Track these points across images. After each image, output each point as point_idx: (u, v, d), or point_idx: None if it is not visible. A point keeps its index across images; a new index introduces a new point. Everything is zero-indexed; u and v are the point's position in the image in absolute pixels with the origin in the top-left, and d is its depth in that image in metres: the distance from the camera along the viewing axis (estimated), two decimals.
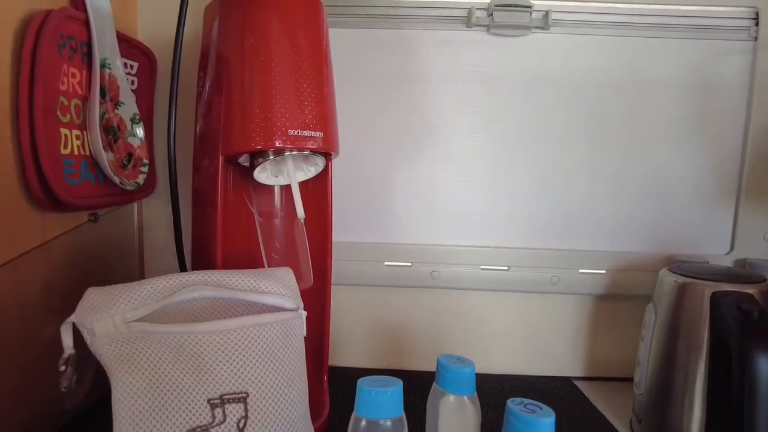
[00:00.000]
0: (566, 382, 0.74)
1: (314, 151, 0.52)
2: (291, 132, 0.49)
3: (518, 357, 0.76)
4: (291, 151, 0.51)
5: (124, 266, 0.73)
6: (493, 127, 0.74)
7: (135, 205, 0.74)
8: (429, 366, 0.59)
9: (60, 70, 0.54)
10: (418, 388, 0.41)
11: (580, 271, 0.74)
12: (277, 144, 0.50)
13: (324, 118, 0.52)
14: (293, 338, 0.49)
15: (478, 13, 0.71)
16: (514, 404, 0.40)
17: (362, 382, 0.42)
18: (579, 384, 0.74)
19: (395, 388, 0.42)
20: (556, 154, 0.74)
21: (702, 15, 0.71)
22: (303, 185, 0.57)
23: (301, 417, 0.48)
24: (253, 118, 0.50)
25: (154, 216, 0.76)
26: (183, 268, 0.61)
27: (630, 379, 0.74)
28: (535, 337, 0.77)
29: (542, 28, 0.71)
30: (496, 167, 0.74)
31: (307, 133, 0.50)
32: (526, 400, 0.41)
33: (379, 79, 0.73)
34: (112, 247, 0.69)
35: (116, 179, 0.60)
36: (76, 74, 0.56)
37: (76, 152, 0.56)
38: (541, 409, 0.40)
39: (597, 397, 0.70)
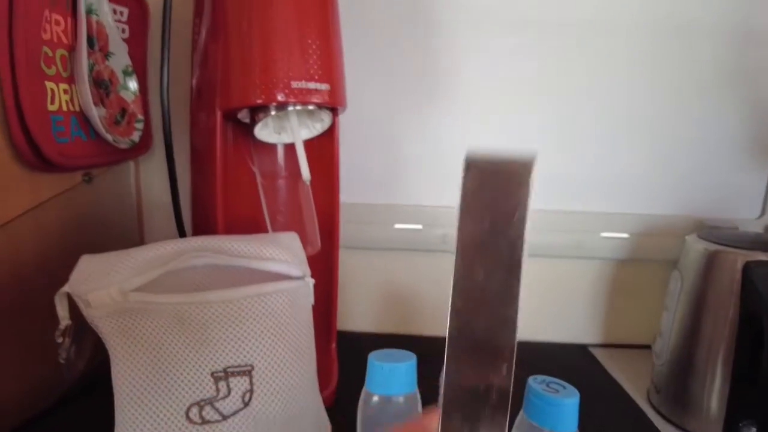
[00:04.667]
0: (582, 349, 0.72)
1: (320, 106, 0.48)
2: (294, 84, 0.45)
3: (533, 323, 0.74)
4: (295, 105, 0.46)
5: (122, 229, 0.70)
6: (510, 78, 0.68)
7: (132, 164, 0.70)
8: (440, 331, 0.57)
9: (41, 16, 0.49)
10: (429, 354, 0.38)
11: (602, 234, 0.70)
12: (279, 98, 0.45)
13: (330, 68, 0.47)
14: (300, 308, 0.47)
15: None
16: (536, 382, 0.37)
17: (374, 357, 0.39)
18: (595, 351, 0.72)
19: (409, 363, 0.39)
20: (578, 109, 0.69)
21: None
22: (308, 143, 0.53)
23: (309, 388, 0.46)
24: (253, 68, 0.46)
25: (152, 175, 0.72)
26: (182, 233, 0.58)
27: (648, 347, 0.72)
28: (552, 303, 0.74)
29: None
30: (512, 122, 0.69)
31: (312, 85, 0.46)
32: (549, 378, 0.38)
33: (389, 21, 0.67)
34: (108, 209, 0.66)
35: (109, 137, 0.56)
36: (60, 21, 0.51)
37: (64, 108, 0.52)
38: (564, 388, 0.37)
39: (613, 365, 0.68)
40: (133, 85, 0.61)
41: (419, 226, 0.71)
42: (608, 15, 0.66)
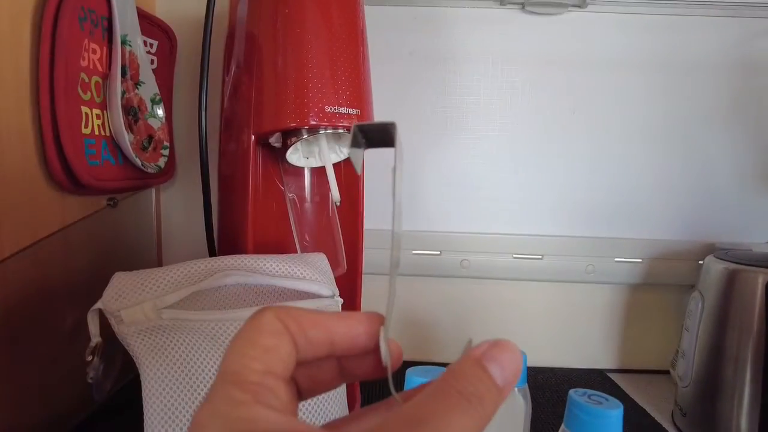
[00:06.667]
0: (600, 374, 0.72)
1: (349, 130, 0.49)
2: (327, 109, 0.47)
3: (551, 349, 0.74)
4: (326, 129, 0.48)
5: (142, 253, 0.70)
6: (526, 109, 0.71)
7: (153, 191, 0.71)
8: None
9: (81, 45, 0.51)
10: None
11: (616, 259, 0.71)
12: (312, 121, 0.47)
13: (361, 95, 0.49)
14: None
15: None
16: (577, 395, 0.37)
17: (412, 372, 0.39)
18: (613, 376, 0.71)
19: None
20: (592, 138, 0.71)
21: None
22: (334, 167, 0.54)
23: (339, 407, 0.46)
24: (287, 94, 0.47)
25: (171, 202, 0.73)
26: (212, 253, 0.58)
27: (665, 372, 0.72)
28: (569, 328, 0.74)
29: (578, 6, 0.68)
30: (529, 152, 0.71)
31: (344, 110, 0.47)
32: (589, 391, 0.38)
33: (408, 58, 0.70)
34: (130, 233, 0.67)
35: (138, 161, 0.57)
36: (96, 50, 0.53)
37: (96, 132, 0.54)
38: (607, 400, 0.37)
39: (633, 389, 0.68)
40: (160, 112, 0.63)
41: (437, 252, 0.71)
42: (621, 53, 0.70)
